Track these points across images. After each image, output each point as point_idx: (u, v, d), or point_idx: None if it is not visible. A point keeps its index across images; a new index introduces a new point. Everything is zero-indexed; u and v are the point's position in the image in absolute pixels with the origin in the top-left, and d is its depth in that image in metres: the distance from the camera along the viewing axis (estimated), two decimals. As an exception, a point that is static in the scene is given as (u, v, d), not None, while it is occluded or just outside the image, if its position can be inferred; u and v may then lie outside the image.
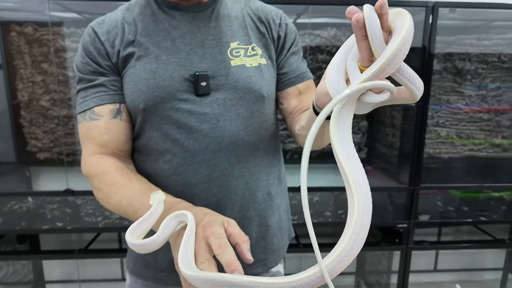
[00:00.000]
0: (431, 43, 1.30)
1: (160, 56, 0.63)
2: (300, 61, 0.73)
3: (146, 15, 0.65)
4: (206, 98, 0.64)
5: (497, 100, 1.71)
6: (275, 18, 0.70)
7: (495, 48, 1.66)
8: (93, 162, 0.64)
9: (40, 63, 1.54)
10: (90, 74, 0.65)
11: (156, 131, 0.65)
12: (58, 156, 1.64)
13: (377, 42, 0.36)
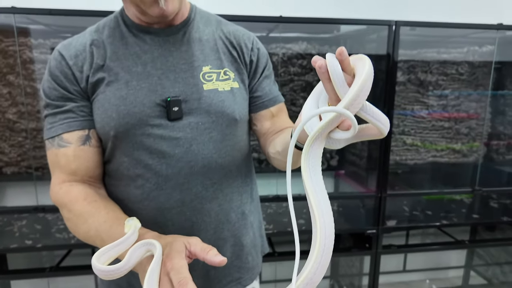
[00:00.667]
0: (394, 57, 1.38)
1: (131, 82, 0.62)
2: (272, 84, 0.75)
3: (115, 38, 0.64)
4: (179, 123, 0.63)
5: (456, 110, 1.83)
6: (247, 42, 0.71)
7: (453, 61, 1.78)
8: (61, 191, 0.63)
9: (5, 74, 1.49)
10: (57, 99, 0.63)
11: (127, 157, 0.64)
12: (26, 170, 1.58)
13: (339, 84, 0.40)
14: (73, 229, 0.62)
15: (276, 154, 0.66)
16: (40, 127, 1.55)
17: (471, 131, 1.86)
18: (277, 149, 0.65)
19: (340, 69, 0.40)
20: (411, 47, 1.71)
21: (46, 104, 0.65)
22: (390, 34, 1.35)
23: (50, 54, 1.46)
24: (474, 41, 1.76)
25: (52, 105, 0.63)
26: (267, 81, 0.73)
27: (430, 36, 1.66)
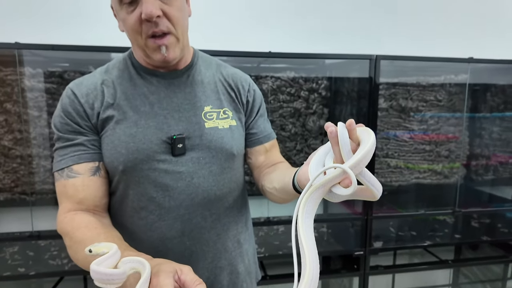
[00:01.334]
0: (375, 78, 1.48)
1: (139, 121, 0.67)
2: (266, 122, 0.82)
3: (124, 79, 0.70)
4: (182, 158, 0.68)
5: (436, 133, 1.94)
6: (244, 84, 0.78)
7: (431, 88, 1.90)
8: (66, 220, 0.65)
9: (2, 102, 1.53)
10: (69, 133, 0.66)
11: (133, 190, 0.68)
12: (20, 196, 1.60)
13: (345, 149, 0.49)
14: (73, 256, 0.62)
15: (273, 190, 0.71)
16: (36, 153, 1.58)
17: (451, 153, 1.96)
18: (274, 185, 0.71)
19: (348, 137, 0.49)
20: (392, 76, 1.82)
21: (57, 138, 0.68)
22: (371, 66, 1.45)
23: (45, 83, 1.52)
24: (449, 70, 1.89)
25: (63, 139, 0.67)
26: (261, 119, 0.81)
27: (409, 66, 1.78)
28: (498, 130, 2.03)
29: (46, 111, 1.55)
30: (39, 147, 1.58)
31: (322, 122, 1.77)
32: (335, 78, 1.76)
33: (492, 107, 2.02)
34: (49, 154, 1.59)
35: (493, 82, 1.99)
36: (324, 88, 1.76)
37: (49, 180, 1.60)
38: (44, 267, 1.40)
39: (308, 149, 1.77)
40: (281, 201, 0.73)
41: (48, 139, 1.58)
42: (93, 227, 0.62)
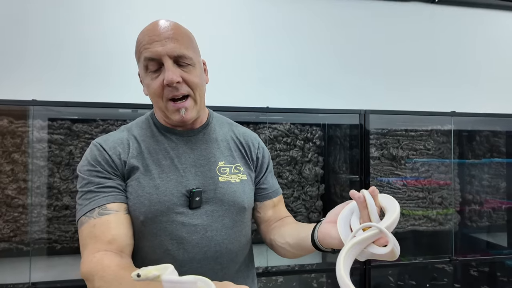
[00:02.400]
0: (366, 137, 1.57)
1: (161, 174, 0.71)
2: (273, 178, 0.88)
3: (147, 136, 0.76)
4: (197, 211, 0.71)
5: (427, 181, 2.01)
6: (254, 142, 0.85)
7: (420, 137, 2.00)
8: (94, 259, 0.61)
9: (11, 153, 1.59)
10: (99, 178, 0.68)
11: (149, 242, 0.70)
12: (17, 246, 1.59)
13: (373, 212, 0.57)
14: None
15: (285, 245, 0.75)
16: (38, 202, 1.60)
17: (444, 200, 2.01)
18: (287, 240, 0.74)
19: (373, 202, 0.57)
20: (382, 126, 1.94)
21: (85, 183, 0.69)
22: (361, 119, 1.56)
23: (53, 134, 1.58)
24: (435, 121, 2.01)
25: (93, 183, 0.68)
26: (270, 175, 0.86)
27: (398, 118, 1.90)
28: (487, 176, 2.11)
29: (52, 161, 1.61)
30: (41, 196, 1.61)
31: (317, 169, 1.84)
32: (328, 127, 1.87)
33: (478, 154, 2.12)
34: (51, 203, 1.61)
35: (477, 129, 2.11)
36: (318, 138, 1.86)
37: (49, 229, 1.61)
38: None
39: (304, 196, 1.82)
40: (292, 256, 0.76)
41: (52, 188, 1.61)
42: (125, 267, 0.60)
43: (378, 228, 0.53)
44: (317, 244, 0.66)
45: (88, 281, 0.61)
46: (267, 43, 1.85)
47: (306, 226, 0.72)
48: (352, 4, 2.00)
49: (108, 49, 1.69)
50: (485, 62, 2.15)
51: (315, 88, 1.90)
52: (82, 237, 0.66)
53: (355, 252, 0.54)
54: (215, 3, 1.81)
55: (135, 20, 1.72)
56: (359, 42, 1.99)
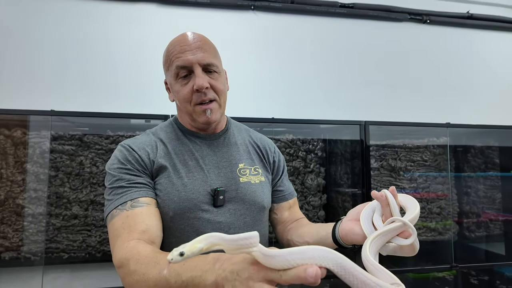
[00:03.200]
0: (366, 149, 1.65)
1: (188, 173, 0.76)
2: (288, 181, 0.93)
3: (172, 139, 0.82)
4: (221, 209, 0.76)
5: (426, 191, 2.07)
6: (270, 147, 0.91)
7: (417, 149, 2.08)
8: (129, 246, 0.62)
9: (23, 163, 1.63)
10: (129, 175, 0.72)
11: (176, 238, 0.74)
12: (25, 255, 1.60)
13: (395, 208, 0.63)
14: (140, 281, 0.56)
15: (305, 244, 0.78)
16: (47, 212, 1.64)
17: (442, 210, 2.06)
18: (306, 240, 0.78)
19: (394, 199, 0.63)
20: (380, 139, 2.01)
21: (115, 180, 0.72)
22: (361, 130, 1.64)
23: (66, 145, 1.64)
24: (432, 133, 2.10)
25: (124, 179, 0.72)
26: (285, 178, 0.92)
27: (396, 130, 1.98)
28: (483, 188, 2.18)
29: (63, 171, 1.65)
30: (51, 206, 1.64)
31: (319, 180, 1.89)
32: (329, 140, 1.95)
33: (474, 166, 2.19)
34: (60, 213, 1.64)
35: (471, 144, 2.19)
36: (320, 149, 1.93)
37: (57, 238, 1.63)
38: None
39: (307, 206, 1.87)
40: None
41: (61, 198, 1.65)
42: (160, 252, 0.60)
43: (401, 221, 0.57)
44: (338, 241, 0.69)
45: (122, 266, 0.60)
46: (270, 58, 1.96)
47: (325, 225, 0.76)
48: (351, 23, 2.13)
49: (121, 64, 1.78)
50: (475, 77, 2.27)
51: (317, 102, 1.99)
52: (114, 228, 0.67)
53: (379, 243, 0.57)
54: (220, 22, 1.93)
55: (148, 32, 1.82)
56: (359, 59, 2.10)
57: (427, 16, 2.24)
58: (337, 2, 2.11)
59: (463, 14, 2.29)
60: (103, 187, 1.68)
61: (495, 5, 2.38)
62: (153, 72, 1.63)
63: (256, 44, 1.98)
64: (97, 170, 1.68)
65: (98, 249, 1.66)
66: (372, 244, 0.56)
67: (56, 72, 1.74)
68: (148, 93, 1.75)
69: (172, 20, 1.89)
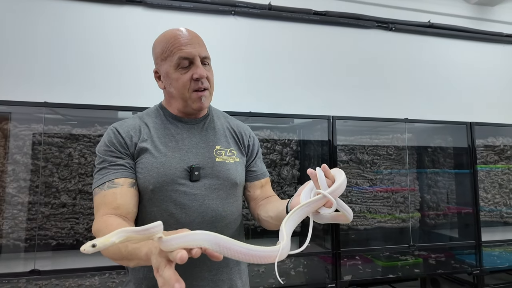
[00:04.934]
0: (333, 141, 1.83)
1: (167, 153, 0.86)
2: (262, 163, 1.04)
3: (157, 123, 0.92)
4: (197, 183, 0.86)
5: (391, 182, 2.27)
6: (246, 132, 1.01)
7: (383, 144, 2.29)
8: (101, 220, 0.75)
9: (13, 154, 1.72)
10: (111, 157, 0.83)
11: (157, 207, 0.84)
12: (14, 242, 1.68)
13: (323, 184, 0.70)
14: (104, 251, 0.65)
15: (268, 218, 0.89)
16: (36, 201, 1.72)
17: (406, 200, 2.27)
18: (270, 214, 0.88)
19: (323, 176, 0.71)
20: (349, 134, 2.21)
21: (100, 161, 0.84)
22: (329, 125, 1.82)
23: (55, 138, 1.74)
24: (396, 130, 2.31)
25: (107, 161, 0.83)
26: (259, 160, 1.03)
27: (363, 126, 2.18)
28: (441, 183, 2.41)
29: (52, 162, 1.75)
30: (40, 195, 1.73)
31: (294, 171, 2.06)
32: (303, 134, 2.12)
33: (434, 161, 2.42)
34: (49, 201, 1.73)
35: (429, 143, 2.42)
36: (295, 143, 2.10)
37: (45, 226, 1.72)
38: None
39: (283, 195, 2.03)
40: (275, 227, 0.89)
41: (50, 187, 1.74)
42: (122, 226, 0.71)
43: (321, 193, 0.66)
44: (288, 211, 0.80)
45: (95, 236, 0.73)
46: (249, 59, 2.12)
47: (283, 201, 0.88)
48: (323, 29, 2.33)
49: (114, 58, 1.90)
50: (433, 79, 2.52)
51: (292, 99, 2.16)
52: (95, 204, 0.81)
53: (301, 213, 0.67)
54: (203, 25, 2.08)
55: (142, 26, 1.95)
56: (331, 61, 2.30)
57: (393, 24, 2.46)
58: (310, 10, 2.30)
59: (425, 23, 2.54)
60: (91, 177, 1.79)
61: (453, 15, 2.64)
62: (137, 69, 1.75)
63: (236, 46, 2.14)
64: (85, 162, 1.78)
65: (85, 235, 1.76)
66: (294, 215, 0.66)
67: (47, 67, 1.84)
68: (134, 86, 1.88)
69: (159, 22, 2.03)
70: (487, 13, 2.73)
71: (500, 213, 2.41)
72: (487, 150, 2.45)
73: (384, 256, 2.09)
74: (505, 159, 2.49)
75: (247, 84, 2.10)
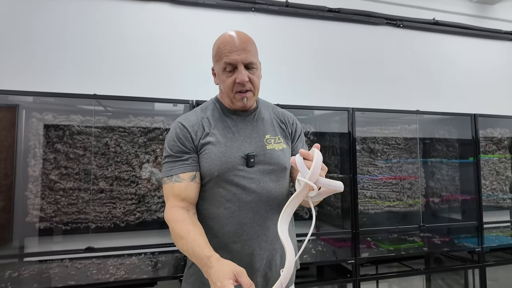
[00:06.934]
0: (353, 132, 1.98)
1: (227, 143, 1.00)
2: (304, 146, 1.16)
3: (215, 116, 1.05)
4: (252, 169, 0.99)
5: (399, 170, 2.45)
6: (289, 119, 1.14)
7: (392, 135, 2.45)
8: (170, 212, 0.94)
9: (54, 144, 1.83)
10: (177, 152, 0.98)
11: (222, 188, 0.98)
12: (56, 225, 1.81)
13: (303, 170, 0.80)
14: (173, 239, 0.91)
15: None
16: (77, 187, 1.84)
17: (412, 186, 2.45)
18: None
19: (302, 162, 0.80)
20: (362, 125, 2.36)
21: (168, 155, 1.00)
22: (349, 116, 1.97)
23: (93, 128, 1.85)
24: (404, 121, 2.48)
25: (173, 156, 0.99)
26: (300, 144, 1.15)
27: (375, 117, 2.34)
28: (445, 171, 2.59)
29: (90, 150, 1.87)
30: (80, 181, 1.85)
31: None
32: (320, 126, 2.27)
33: (439, 150, 2.60)
34: (88, 187, 1.86)
35: (435, 134, 2.60)
36: (312, 134, 2.25)
37: (85, 210, 1.84)
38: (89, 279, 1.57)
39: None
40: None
41: (90, 174, 1.86)
42: (186, 223, 0.91)
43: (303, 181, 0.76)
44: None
45: (167, 222, 0.94)
46: (268, 54, 2.25)
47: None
48: (337, 25, 2.46)
49: (151, 51, 2.01)
50: (439, 73, 2.68)
51: (310, 92, 2.31)
52: (165, 192, 0.98)
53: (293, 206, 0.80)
54: (224, 21, 2.19)
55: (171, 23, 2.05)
56: (346, 56, 2.44)
57: (400, 21, 2.61)
58: (325, 7, 2.43)
59: (430, 20, 2.69)
60: (127, 165, 1.91)
61: (456, 13, 2.80)
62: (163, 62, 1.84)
63: (255, 40, 2.25)
64: (121, 150, 1.91)
65: (122, 219, 1.89)
66: (284, 214, 0.79)
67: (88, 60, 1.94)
68: (174, 79, 1.99)
69: (186, 18, 2.14)
70: (487, 11, 2.90)
71: (496, 198, 2.61)
72: (485, 140, 2.64)
73: (389, 240, 2.27)
74: (502, 149, 2.68)
75: (267, 78, 2.23)
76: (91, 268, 1.68)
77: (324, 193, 0.80)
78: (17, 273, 1.61)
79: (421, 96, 2.59)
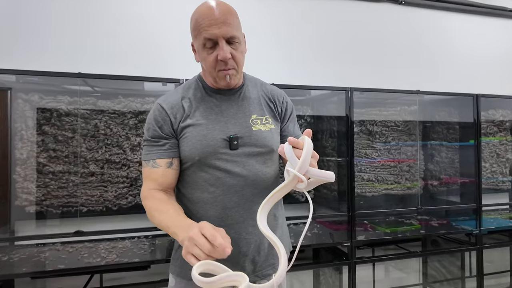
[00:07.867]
0: (351, 113, 1.92)
1: (208, 125, 0.93)
2: (295, 127, 1.09)
3: (197, 95, 0.98)
4: (237, 151, 0.94)
5: (398, 153, 2.40)
6: (279, 98, 1.06)
7: (391, 117, 2.39)
8: (149, 192, 0.92)
9: (42, 125, 1.77)
10: (155, 137, 0.94)
11: (205, 173, 0.94)
12: (47, 209, 1.77)
13: (291, 160, 0.73)
14: (149, 215, 0.89)
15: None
16: (66, 170, 1.80)
17: (411, 168, 2.41)
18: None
19: (291, 151, 0.73)
20: (360, 107, 2.30)
21: (146, 138, 0.96)
22: (347, 96, 1.90)
23: (79, 109, 1.79)
24: (403, 102, 2.41)
25: (150, 140, 0.95)
26: (291, 124, 1.08)
27: (373, 98, 2.27)
28: (444, 153, 2.54)
29: (79, 133, 1.81)
30: (70, 164, 1.80)
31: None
32: (317, 109, 2.21)
33: (439, 132, 2.54)
34: (78, 171, 1.81)
35: (436, 116, 2.53)
36: (309, 116, 2.19)
37: (76, 193, 1.81)
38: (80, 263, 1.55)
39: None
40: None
41: (79, 157, 1.81)
42: (166, 203, 0.90)
43: (292, 172, 0.70)
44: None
45: (143, 199, 0.94)
46: (272, 33, 2.16)
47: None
48: (335, 3, 2.36)
49: (137, 30, 1.92)
50: (441, 52, 2.59)
51: (310, 72, 2.23)
52: (144, 174, 0.96)
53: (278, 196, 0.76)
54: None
55: (151, 10, 1.96)
56: (348, 35, 2.35)
57: (402, -2, 2.50)
58: (323, -18, 2.32)
59: (433, -4, 2.58)
60: (117, 147, 1.86)
61: (460, -11, 2.68)
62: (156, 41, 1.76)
63: (252, 19, 2.16)
64: (111, 132, 1.85)
65: (114, 202, 1.86)
66: (265, 206, 0.76)
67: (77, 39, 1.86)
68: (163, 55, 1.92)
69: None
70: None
71: (495, 181, 2.57)
72: (487, 122, 2.58)
73: (386, 223, 2.24)
74: (503, 130, 2.63)
75: (263, 57, 2.15)
76: (83, 252, 1.66)
77: (314, 183, 0.74)
78: (7, 257, 1.59)
79: (422, 78, 2.51)
